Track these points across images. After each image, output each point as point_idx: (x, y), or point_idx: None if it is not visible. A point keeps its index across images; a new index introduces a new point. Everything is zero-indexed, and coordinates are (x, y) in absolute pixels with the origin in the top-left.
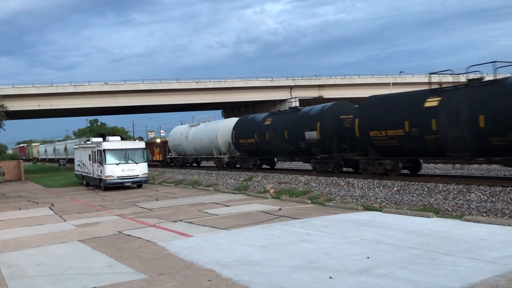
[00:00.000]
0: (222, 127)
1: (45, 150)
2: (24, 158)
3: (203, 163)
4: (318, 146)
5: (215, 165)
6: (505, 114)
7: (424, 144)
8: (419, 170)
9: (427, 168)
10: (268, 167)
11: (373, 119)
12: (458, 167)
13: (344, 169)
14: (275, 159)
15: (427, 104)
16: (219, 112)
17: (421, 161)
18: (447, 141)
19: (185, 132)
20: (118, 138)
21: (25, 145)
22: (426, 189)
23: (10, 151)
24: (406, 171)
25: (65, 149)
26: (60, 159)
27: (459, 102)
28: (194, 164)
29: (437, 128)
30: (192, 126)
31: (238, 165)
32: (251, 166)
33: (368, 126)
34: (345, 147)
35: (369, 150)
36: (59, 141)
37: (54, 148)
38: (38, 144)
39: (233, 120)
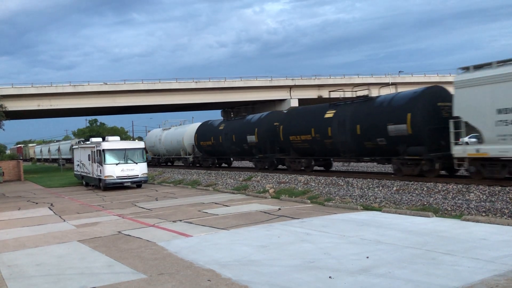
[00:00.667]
0: (188, 131)
1: (41, 151)
2: (21, 158)
3: (176, 163)
4: (256, 148)
5: (183, 164)
6: (373, 125)
7: (325, 146)
8: (331, 167)
9: (336, 166)
10: (226, 165)
11: (292, 126)
12: (354, 164)
13: (280, 166)
14: (231, 159)
15: (326, 116)
16: (219, 112)
17: (332, 159)
18: (338, 144)
19: (158, 135)
20: (118, 138)
21: (22, 145)
22: (425, 188)
23: (8, 152)
24: (322, 168)
25: (58, 149)
26: (56, 159)
27: (345, 115)
28: (169, 164)
29: (332, 134)
30: (164, 129)
31: (200, 164)
32: (210, 165)
33: (289, 132)
34: (278, 148)
35: (290, 151)
36: (53, 142)
37: (49, 149)
38: (35, 144)
39: (197, 125)
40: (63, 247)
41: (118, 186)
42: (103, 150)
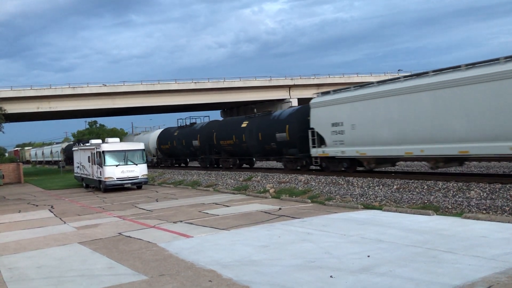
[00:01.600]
0: (152, 136)
1: (36, 154)
2: (18, 160)
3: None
4: (199, 150)
5: (150, 163)
6: (268, 133)
7: (242, 149)
8: (253, 165)
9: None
10: (184, 165)
11: (221, 133)
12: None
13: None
14: (188, 160)
15: (242, 125)
16: (218, 112)
17: (254, 159)
18: (250, 147)
19: (130, 139)
20: (117, 139)
21: (19, 148)
22: (425, 187)
23: (6, 155)
24: (247, 166)
25: (51, 152)
26: (49, 161)
27: (254, 125)
28: None
29: (245, 139)
30: (136, 134)
31: (162, 164)
32: (169, 165)
33: (219, 138)
34: (214, 150)
35: (222, 153)
36: (46, 145)
37: (42, 152)
38: (30, 148)
39: (160, 131)
40: (64, 249)
41: (118, 187)
42: (103, 151)
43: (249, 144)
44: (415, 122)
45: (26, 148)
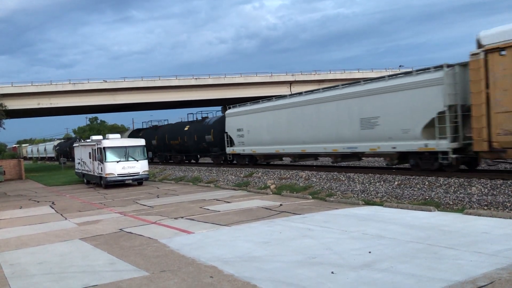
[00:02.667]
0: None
1: (31, 150)
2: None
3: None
4: (157, 148)
5: None
6: (201, 135)
7: (185, 147)
8: (198, 160)
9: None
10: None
11: (171, 134)
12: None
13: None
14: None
15: (185, 129)
16: (219, 108)
17: (199, 156)
18: (189, 146)
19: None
20: (118, 135)
21: (17, 145)
22: (427, 183)
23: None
24: (194, 161)
25: (44, 149)
26: (43, 157)
27: (192, 129)
28: None
29: (187, 140)
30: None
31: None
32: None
33: (170, 138)
34: (167, 149)
35: (172, 151)
36: (41, 142)
37: (37, 149)
38: (27, 145)
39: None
40: (65, 245)
41: (119, 183)
42: (104, 148)
43: (189, 144)
44: (280, 130)
45: (23, 145)
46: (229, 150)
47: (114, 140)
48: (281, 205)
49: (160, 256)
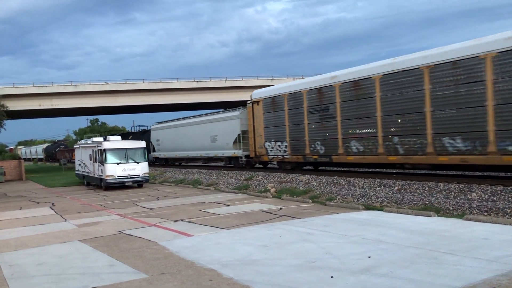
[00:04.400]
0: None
1: (25, 152)
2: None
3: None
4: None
5: None
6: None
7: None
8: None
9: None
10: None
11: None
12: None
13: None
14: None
15: (129, 137)
16: (220, 111)
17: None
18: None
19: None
20: (119, 137)
21: (13, 147)
22: (427, 188)
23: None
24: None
25: (36, 151)
26: (33, 158)
27: (134, 138)
28: None
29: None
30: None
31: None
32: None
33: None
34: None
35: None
36: (34, 145)
37: (30, 151)
38: (22, 147)
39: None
40: (65, 246)
41: (119, 185)
42: (104, 149)
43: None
44: (177, 141)
45: (18, 147)
46: (154, 154)
47: (114, 142)
48: (281, 208)
49: (159, 258)
